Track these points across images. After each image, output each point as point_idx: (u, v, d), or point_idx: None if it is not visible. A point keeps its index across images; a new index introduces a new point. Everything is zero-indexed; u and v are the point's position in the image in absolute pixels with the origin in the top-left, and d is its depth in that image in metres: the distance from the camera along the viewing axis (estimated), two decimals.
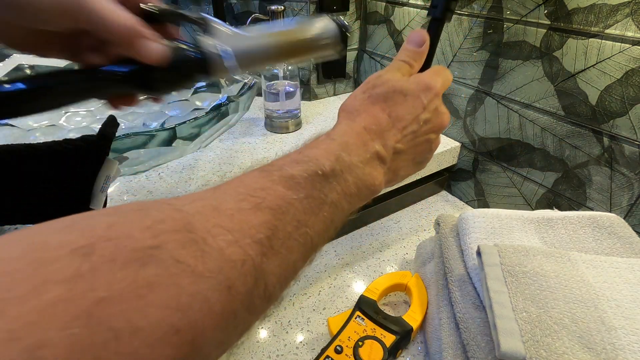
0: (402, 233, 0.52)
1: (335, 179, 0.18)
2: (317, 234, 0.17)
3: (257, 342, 0.37)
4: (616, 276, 0.29)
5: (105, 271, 0.10)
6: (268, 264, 0.14)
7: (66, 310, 0.09)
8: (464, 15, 0.50)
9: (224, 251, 0.13)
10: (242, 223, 0.14)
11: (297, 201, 0.16)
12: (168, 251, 0.11)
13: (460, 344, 0.31)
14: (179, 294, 0.11)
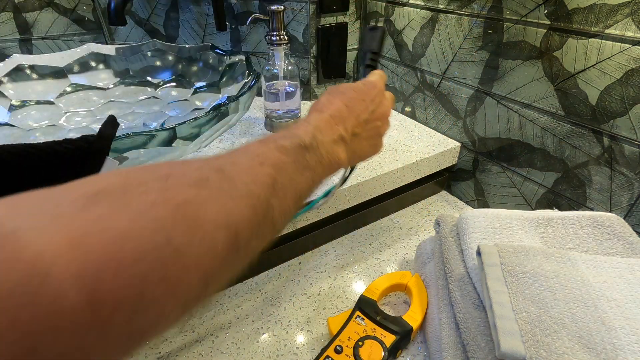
0: (402, 233, 0.52)
1: (313, 150, 0.25)
2: (302, 188, 0.24)
3: (257, 342, 0.37)
4: (616, 276, 0.29)
5: (178, 188, 0.16)
6: (273, 202, 0.20)
7: (161, 206, 0.15)
8: (464, 15, 0.50)
9: (248, 186, 0.19)
10: (254, 171, 0.20)
11: (288, 163, 0.22)
12: (212, 182, 0.17)
13: (460, 344, 0.31)
14: (224, 206, 0.17)
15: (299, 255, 0.48)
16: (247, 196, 0.18)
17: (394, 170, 0.51)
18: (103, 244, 0.12)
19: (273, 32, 0.53)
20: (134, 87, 0.64)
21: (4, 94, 0.54)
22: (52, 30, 0.72)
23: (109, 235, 0.12)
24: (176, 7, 0.70)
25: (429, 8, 0.55)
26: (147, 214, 0.14)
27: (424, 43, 0.57)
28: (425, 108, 0.62)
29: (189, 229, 0.15)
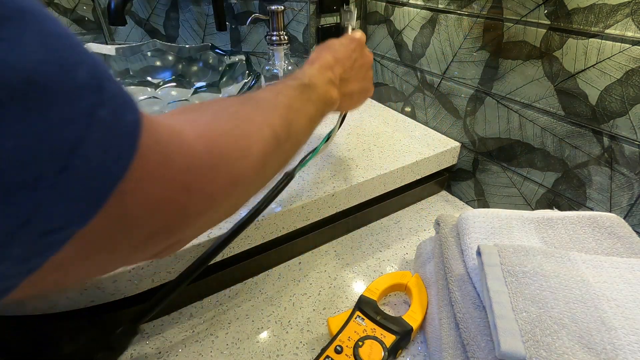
0: (402, 233, 0.52)
1: (312, 88, 0.31)
2: (310, 117, 0.30)
3: (257, 342, 0.37)
4: (616, 276, 0.29)
5: (269, 111, 0.25)
6: (292, 121, 0.26)
7: (264, 123, 0.23)
8: (464, 15, 0.50)
9: (278, 110, 0.25)
10: (275, 100, 0.26)
11: (297, 95, 0.29)
12: (271, 103, 0.25)
13: (460, 344, 0.31)
14: (266, 119, 0.24)
15: (299, 255, 0.48)
16: (283, 109, 0.26)
17: (394, 170, 0.51)
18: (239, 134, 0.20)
19: (273, 32, 0.53)
20: (134, 87, 0.64)
21: None
22: None
23: (246, 127, 0.21)
24: (176, 7, 0.70)
25: (429, 8, 0.55)
26: (256, 122, 0.22)
27: (424, 43, 0.57)
28: (425, 108, 0.62)
29: (278, 129, 0.24)
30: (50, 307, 0.33)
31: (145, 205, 0.14)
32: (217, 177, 0.17)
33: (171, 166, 0.15)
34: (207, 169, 0.17)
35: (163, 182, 0.14)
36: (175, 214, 0.16)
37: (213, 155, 0.17)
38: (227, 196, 0.19)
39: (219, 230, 0.38)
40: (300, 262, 0.47)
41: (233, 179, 0.19)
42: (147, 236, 0.15)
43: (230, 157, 0.18)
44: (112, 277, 0.34)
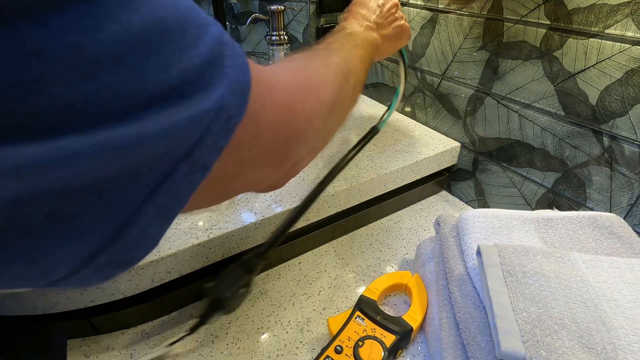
0: (402, 233, 0.52)
1: (355, 35, 0.36)
2: (361, 56, 0.33)
3: (257, 342, 0.37)
4: (616, 276, 0.29)
5: (336, 69, 0.28)
6: (349, 59, 0.30)
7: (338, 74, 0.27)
8: (464, 15, 0.50)
9: (336, 52, 0.30)
10: (331, 46, 0.32)
11: (345, 41, 0.33)
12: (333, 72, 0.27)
13: (460, 344, 0.31)
14: (331, 60, 0.28)
15: (299, 255, 0.48)
16: (340, 52, 0.31)
17: (394, 170, 0.51)
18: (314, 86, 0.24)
19: (273, 32, 0.53)
20: None
21: None
22: None
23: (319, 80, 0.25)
24: None
25: (429, 8, 0.55)
26: (332, 76, 0.26)
27: (424, 43, 0.57)
28: (425, 108, 0.62)
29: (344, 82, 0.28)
30: (50, 307, 0.33)
31: (269, 123, 0.18)
32: (307, 100, 0.22)
33: (276, 93, 0.19)
34: (299, 95, 0.22)
35: (275, 105, 0.19)
36: (288, 130, 0.20)
37: (301, 85, 0.22)
38: (318, 117, 0.23)
39: (224, 225, 0.38)
40: (300, 262, 0.47)
41: (320, 101, 0.23)
42: (275, 151, 0.20)
43: (314, 85, 0.24)
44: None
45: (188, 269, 0.38)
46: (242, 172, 0.19)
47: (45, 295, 0.32)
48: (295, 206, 0.40)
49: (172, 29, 0.12)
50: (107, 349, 0.36)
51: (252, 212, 0.41)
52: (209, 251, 0.38)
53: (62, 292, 0.32)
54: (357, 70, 0.31)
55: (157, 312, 0.40)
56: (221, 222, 0.39)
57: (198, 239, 0.37)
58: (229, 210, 0.41)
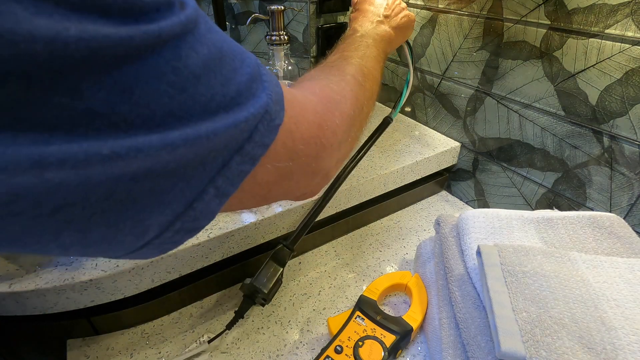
0: (402, 233, 0.52)
1: (366, 36, 0.38)
2: (375, 57, 0.35)
3: (257, 342, 0.37)
4: (616, 276, 0.29)
5: (358, 86, 0.30)
6: (363, 66, 0.33)
7: (353, 93, 0.29)
8: (464, 15, 0.50)
9: (350, 62, 0.32)
10: (344, 58, 0.33)
11: (359, 48, 0.35)
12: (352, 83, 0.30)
13: (460, 344, 0.31)
14: (347, 72, 0.31)
15: (299, 255, 0.48)
16: (353, 60, 0.33)
17: (394, 170, 0.51)
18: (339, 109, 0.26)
19: (273, 32, 0.53)
20: None
21: None
22: None
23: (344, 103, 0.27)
24: None
25: (429, 8, 0.55)
26: (351, 95, 0.29)
27: (424, 43, 0.57)
28: (425, 108, 0.62)
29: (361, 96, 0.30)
30: (50, 307, 0.33)
31: (302, 139, 0.21)
32: (331, 116, 0.25)
33: (306, 114, 0.22)
34: (325, 113, 0.24)
35: (306, 123, 0.22)
36: (318, 144, 0.23)
37: (325, 103, 0.25)
38: (341, 129, 0.26)
39: (224, 225, 0.38)
40: (300, 262, 0.47)
41: (342, 115, 0.26)
42: (307, 164, 0.23)
43: (336, 102, 0.26)
44: (112, 277, 0.34)
45: (188, 269, 0.38)
46: (280, 182, 0.22)
47: (45, 295, 0.32)
48: (318, 197, 0.43)
49: (226, 56, 0.17)
50: (107, 349, 0.36)
51: (252, 212, 0.41)
52: (209, 251, 0.38)
53: (62, 292, 0.32)
54: (372, 73, 0.33)
55: (157, 312, 0.40)
56: (221, 222, 0.39)
57: (198, 239, 0.37)
58: None
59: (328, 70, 0.31)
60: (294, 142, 0.21)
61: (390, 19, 0.42)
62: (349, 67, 0.31)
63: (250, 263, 0.43)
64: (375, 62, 0.35)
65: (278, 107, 0.19)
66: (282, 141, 0.20)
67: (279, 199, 0.25)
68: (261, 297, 0.37)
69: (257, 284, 0.37)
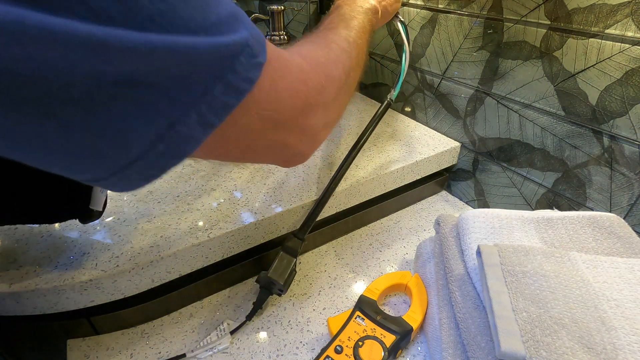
0: (402, 233, 0.52)
1: (351, 8, 0.37)
2: (360, 26, 0.36)
3: (257, 342, 0.37)
4: (616, 276, 0.29)
5: (345, 53, 0.31)
6: (350, 36, 0.33)
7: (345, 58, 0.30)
8: (464, 15, 0.50)
9: (338, 31, 0.33)
10: (333, 27, 0.34)
11: (345, 18, 0.35)
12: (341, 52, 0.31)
13: (460, 344, 0.31)
14: (335, 41, 0.31)
15: (300, 255, 0.48)
16: (341, 30, 0.34)
17: (394, 170, 0.51)
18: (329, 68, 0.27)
19: (273, 32, 0.53)
20: None
21: None
22: None
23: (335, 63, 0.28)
24: None
25: (429, 8, 0.55)
26: (342, 62, 0.29)
27: (424, 43, 0.57)
28: (425, 108, 0.62)
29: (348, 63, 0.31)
30: (50, 307, 0.33)
31: (286, 90, 0.22)
32: (316, 76, 0.25)
33: (291, 67, 0.23)
34: (310, 72, 0.24)
35: (290, 76, 0.22)
36: (303, 100, 0.23)
37: (311, 64, 0.25)
38: (327, 91, 0.26)
39: (224, 225, 0.38)
40: (300, 262, 0.47)
41: (328, 77, 0.26)
42: (293, 118, 0.23)
43: (322, 64, 0.27)
44: (112, 277, 0.34)
45: (188, 269, 0.38)
46: (265, 131, 0.22)
47: (45, 295, 0.32)
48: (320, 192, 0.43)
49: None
50: (107, 349, 0.36)
51: (252, 212, 0.41)
52: (209, 251, 0.38)
53: (62, 292, 0.32)
54: (357, 41, 0.34)
55: (157, 312, 0.40)
56: (221, 222, 0.39)
57: (198, 239, 0.37)
58: (229, 210, 0.41)
59: (314, 39, 0.31)
60: (277, 92, 0.21)
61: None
62: (333, 36, 0.32)
63: (251, 263, 0.43)
64: (361, 32, 0.35)
65: (259, 47, 0.19)
66: (266, 88, 0.20)
67: (267, 158, 0.25)
68: (277, 287, 0.38)
69: (272, 276, 0.38)
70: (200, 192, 0.45)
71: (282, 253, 0.39)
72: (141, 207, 0.42)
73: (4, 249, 0.36)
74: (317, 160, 0.52)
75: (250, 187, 0.46)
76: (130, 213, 0.41)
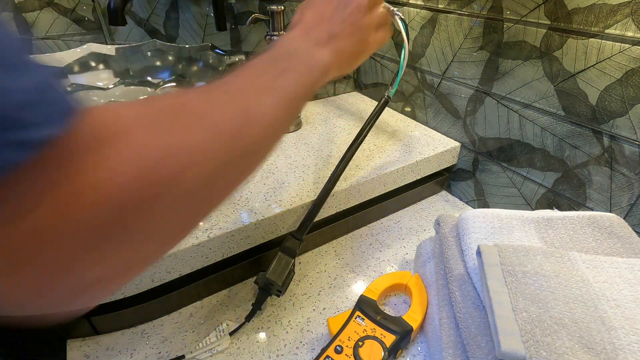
0: (402, 233, 0.52)
1: (292, 56, 0.27)
2: (287, 91, 0.25)
3: (257, 342, 0.37)
4: (616, 276, 0.29)
5: (224, 120, 0.20)
6: (255, 107, 0.22)
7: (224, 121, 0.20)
8: (464, 15, 0.50)
9: (237, 99, 0.22)
10: (237, 86, 0.23)
11: (268, 71, 0.24)
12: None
13: (460, 344, 0.31)
14: (223, 114, 0.20)
15: (299, 255, 0.48)
16: (248, 93, 0.23)
17: (394, 170, 0.51)
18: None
19: (273, 32, 0.53)
20: (134, 87, 0.64)
21: None
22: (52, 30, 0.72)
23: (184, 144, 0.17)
24: (176, 7, 0.70)
25: (429, 8, 0.55)
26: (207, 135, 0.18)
27: (424, 43, 0.57)
28: (425, 108, 0.62)
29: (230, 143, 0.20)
30: None
31: (91, 187, 0.13)
32: (167, 158, 0.16)
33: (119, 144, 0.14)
34: (144, 190, 0.15)
35: (97, 199, 0.13)
36: (123, 203, 0.14)
37: (151, 179, 0.15)
38: (180, 182, 0.16)
39: (224, 225, 0.38)
40: (300, 262, 0.47)
41: (175, 196, 0.16)
42: (93, 232, 0.14)
43: (173, 172, 0.16)
44: None
45: (188, 269, 0.38)
46: (36, 257, 0.13)
47: None
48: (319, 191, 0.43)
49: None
50: (107, 349, 0.36)
51: (252, 212, 0.41)
52: (209, 251, 0.38)
53: None
54: (271, 114, 0.23)
55: (157, 312, 0.40)
56: (221, 222, 0.39)
57: (198, 239, 0.37)
58: (229, 210, 0.41)
59: (209, 95, 0.21)
60: (75, 188, 0.13)
61: (338, 39, 0.30)
62: (237, 100, 0.21)
63: (250, 263, 0.43)
64: (283, 101, 0.24)
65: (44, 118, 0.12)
66: (50, 180, 0.13)
67: (27, 304, 0.16)
68: (276, 288, 0.38)
69: (271, 277, 0.37)
70: None
71: (280, 254, 0.39)
72: None
73: None
74: (317, 160, 0.52)
75: (250, 187, 0.46)
76: None
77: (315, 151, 0.54)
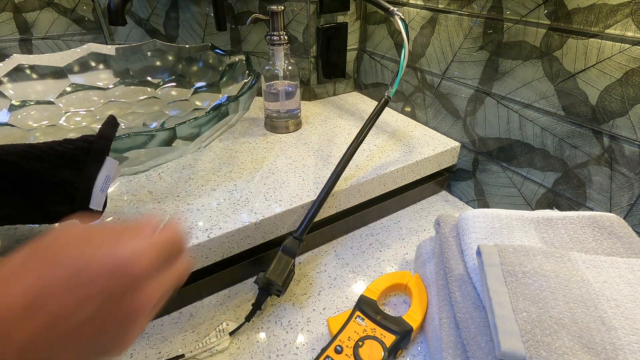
0: (402, 233, 0.52)
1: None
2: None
3: (257, 342, 0.37)
4: (616, 276, 0.29)
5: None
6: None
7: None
8: (464, 15, 0.50)
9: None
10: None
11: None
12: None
13: (460, 344, 0.31)
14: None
15: (299, 255, 0.48)
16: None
17: (394, 170, 0.51)
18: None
19: (273, 32, 0.53)
20: (134, 87, 0.64)
21: (4, 94, 0.54)
22: (52, 30, 0.72)
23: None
24: (176, 7, 0.70)
25: (429, 8, 0.55)
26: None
27: (424, 43, 0.57)
28: (425, 108, 0.62)
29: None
30: None
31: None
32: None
33: None
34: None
35: None
36: None
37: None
38: None
39: (224, 225, 0.38)
40: (300, 262, 0.47)
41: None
42: None
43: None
44: None
45: None
46: None
47: None
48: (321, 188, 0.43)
49: None
50: None
51: (252, 212, 0.41)
52: (209, 251, 0.38)
53: None
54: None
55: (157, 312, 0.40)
56: (221, 222, 0.39)
57: (198, 239, 0.37)
58: (229, 210, 0.41)
59: None
60: None
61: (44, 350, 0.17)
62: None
63: (250, 263, 0.43)
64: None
65: None
66: None
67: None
68: (276, 288, 0.38)
69: (270, 277, 0.37)
70: (200, 192, 0.45)
71: (280, 254, 0.39)
72: (141, 207, 0.42)
73: (4, 249, 0.36)
74: (317, 160, 0.52)
75: (250, 187, 0.46)
76: (130, 213, 0.41)
77: (315, 151, 0.54)
